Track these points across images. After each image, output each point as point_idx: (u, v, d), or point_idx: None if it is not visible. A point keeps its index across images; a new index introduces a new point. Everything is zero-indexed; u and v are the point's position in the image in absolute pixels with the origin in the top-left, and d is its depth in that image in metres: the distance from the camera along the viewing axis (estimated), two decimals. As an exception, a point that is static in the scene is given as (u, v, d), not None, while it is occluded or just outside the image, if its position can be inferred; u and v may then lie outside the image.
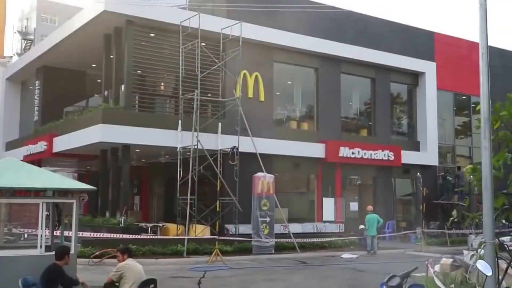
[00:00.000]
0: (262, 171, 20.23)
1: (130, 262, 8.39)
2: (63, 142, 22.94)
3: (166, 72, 22.20)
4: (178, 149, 20.19)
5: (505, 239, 12.23)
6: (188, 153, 20.09)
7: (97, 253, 16.03)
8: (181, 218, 19.93)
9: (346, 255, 19.74)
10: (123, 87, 21.18)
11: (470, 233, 21.93)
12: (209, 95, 21.59)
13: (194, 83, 20.46)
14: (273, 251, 19.52)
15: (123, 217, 19.48)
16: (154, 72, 21.70)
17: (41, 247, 9.50)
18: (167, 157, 23.53)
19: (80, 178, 31.43)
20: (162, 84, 24.15)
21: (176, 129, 20.35)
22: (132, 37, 20.74)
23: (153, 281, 8.36)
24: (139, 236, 18.44)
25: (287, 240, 20.32)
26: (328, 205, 24.48)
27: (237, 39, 21.06)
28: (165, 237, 19.35)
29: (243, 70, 22.28)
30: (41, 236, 9.56)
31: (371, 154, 25.53)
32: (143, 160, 26.19)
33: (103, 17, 20.61)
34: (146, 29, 21.02)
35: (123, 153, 20.87)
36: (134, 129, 19.84)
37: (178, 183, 20.00)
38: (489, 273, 4.01)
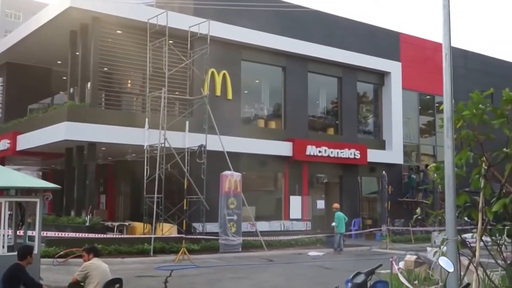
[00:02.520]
0: (230, 170, 20.23)
1: (95, 261, 8.27)
2: (27, 140, 22.47)
3: (133, 70, 21.95)
4: (145, 147, 20.02)
5: (467, 236, 12.50)
6: (155, 151, 19.94)
7: (61, 252, 15.76)
8: (148, 216, 19.78)
9: (312, 253, 19.91)
10: (89, 84, 20.89)
11: (434, 230, 22.35)
12: (177, 93, 21.46)
13: (161, 81, 20.31)
14: (240, 250, 19.55)
15: (88, 216, 19.19)
16: (121, 69, 21.41)
17: (3, 247, 9.30)
18: (134, 155, 23.29)
19: (44, 177, 30.85)
20: (129, 81, 23.88)
21: (143, 127, 20.16)
22: (98, 34, 20.45)
23: (118, 280, 8.26)
24: (105, 235, 18.22)
25: (254, 238, 20.37)
26: (295, 203, 24.66)
27: (205, 37, 20.99)
28: (131, 236, 19.16)
29: (211, 68, 22.23)
30: (4, 236, 9.36)
31: (337, 152, 25.80)
32: (110, 158, 25.87)
33: (68, 13, 20.26)
34: (113, 26, 20.75)
35: (89, 151, 20.57)
36: (100, 127, 19.58)
37: (145, 181, 19.83)
38: (451, 269, 4.11)
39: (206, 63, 21.54)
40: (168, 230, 19.60)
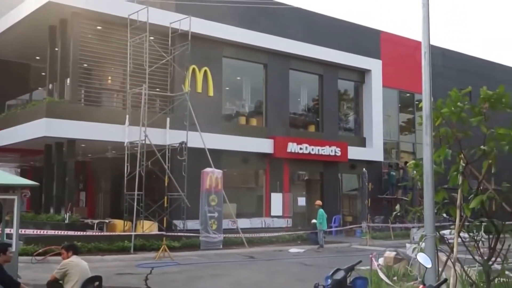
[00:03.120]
0: (211, 167, 20.19)
1: (74, 259, 8.19)
2: (5, 137, 22.13)
3: (113, 66, 21.78)
4: (125, 144, 19.87)
5: (446, 232, 12.67)
6: (135, 148, 19.81)
7: (40, 250, 15.59)
8: (128, 214, 19.66)
9: (293, 250, 19.99)
10: (68, 80, 20.67)
11: (413, 227, 22.60)
12: (158, 89, 21.34)
13: (142, 77, 20.17)
14: (221, 247, 19.55)
15: (68, 214, 19.01)
16: (101, 65, 21.22)
17: (-20, 245, 9.13)
18: (114, 152, 23.12)
19: (22, 174, 30.44)
20: (109, 78, 23.67)
21: (124, 123, 20.01)
22: (78, 29, 20.22)
23: (98, 278, 8.19)
24: (84, 233, 18.07)
25: (235, 235, 20.38)
26: (276, 200, 24.72)
27: (186, 33, 20.91)
28: (111, 233, 19.05)
29: (192, 65, 22.15)
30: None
31: (318, 149, 25.91)
32: (89, 155, 25.62)
33: (47, 8, 19.98)
34: (93, 22, 20.54)
35: (68, 148, 20.35)
36: (80, 124, 19.38)
37: (125, 178, 19.70)
38: (429, 265, 4.16)
39: (187, 60, 21.45)
40: (148, 227, 19.51)
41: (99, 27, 20.74)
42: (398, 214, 22.89)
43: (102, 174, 27.90)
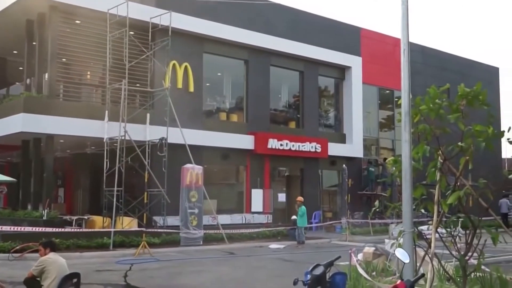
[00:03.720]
0: (191, 163, 20.12)
1: (52, 256, 8.10)
2: (-19, 132, 21.77)
3: (92, 61, 21.54)
4: (104, 140, 19.69)
5: (424, 228, 12.82)
6: (115, 144, 19.65)
7: (17, 247, 15.37)
8: (108, 210, 19.52)
9: (273, 246, 20.03)
10: (46, 75, 20.37)
11: (392, 223, 22.83)
12: (138, 85, 21.18)
13: (122, 73, 20.00)
14: (201, 243, 19.51)
15: (46, 210, 18.78)
16: (80, 60, 20.93)
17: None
18: (93, 148, 22.91)
19: (-1, 170, 29.99)
20: (89, 73, 23.41)
21: (103, 119, 19.82)
22: (56, 23, 19.95)
23: (76, 275, 8.11)
24: (63, 229, 17.84)
25: (215, 231, 20.35)
26: (257, 196, 24.75)
27: (166, 28, 20.77)
28: (90, 230, 18.86)
29: (173, 60, 22.03)
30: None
31: (299, 146, 26.01)
32: (68, 151, 25.37)
33: (25, 2, 19.70)
34: (71, 16, 20.29)
35: (47, 144, 20.11)
36: (58, 119, 19.16)
37: (104, 174, 19.54)
38: (407, 261, 4.20)
39: (168, 55, 21.31)
40: (128, 223, 19.38)
41: (77, 21, 20.49)
42: (377, 210, 23.21)
43: (81, 170, 27.62)
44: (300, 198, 22.33)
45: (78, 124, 19.43)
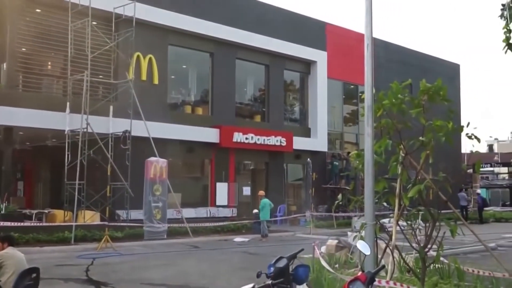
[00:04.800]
0: (155, 156, 19.93)
1: (10, 250, 7.88)
2: None
3: (53, 51, 21.04)
4: (66, 132, 19.30)
5: (385, 220, 13.04)
6: (77, 137, 19.28)
7: (-26, 242, 14.93)
8: (69, 204, 19.17)
9: (238, 239, 20.06)
10: (5, 65, 19.79)
11: (355, 216, 23.14)
12: (100, 76, 20.81)
13: (84, 63, 19.60)
14: (165, 236, 19.39)
15: (4, 204, 18.29)
16: (40, 50, 20.45)
17: None
18: (54, 140, 22.42)
19: (-45, 162, 29.04)
20: (50, 63, 22.86)
21: (64, 111, 19.41)
22: (15, 12, 19.39)
23: (35, 270, 7.91)
24: (22, 224, 17.44)
25: (180, 225, 20.23)
26: (222, 190, 24.72)
27: (130, 19, 20.46)
28: (51, 224, 18.50)
29: (137, 52, 21.72)
30: None
31: (264, 139, 26.06)
32: (28, 143, 24.75)
33: (-18, -12, 19.08)
34: (31, 4, 19.77)
35: (5, 136, 19.58)
36: (17, 110, 18.64)
37: (66, 167, 19.16)
38: (368, 253, 4.25)
39: (132, 47, 20.99)
40: (90, 217, 19.08)
41: (38, 10, 19.98)
42: (340, 203, 23.46)
43: (41, 163, 27.01)
44: (261, 192, 22.43)
45: (38, 116, 18.96)
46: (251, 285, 3.93)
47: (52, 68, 22.99)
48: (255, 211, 21.62)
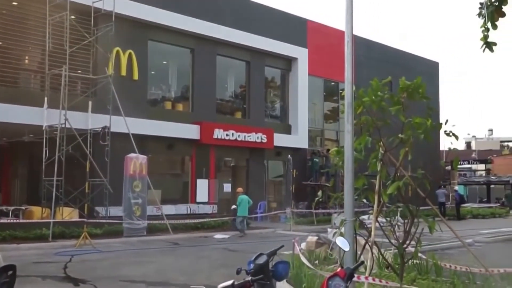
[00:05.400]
0: (135, 152, 19.78)
1: (-15, 248, 7.78)
2: None
3: (31, 45, 20.73)
4: (44, 128, 19.04)
5: (365, 217, 13.13)
6: (55, 132, 19.04)
7: (-51, 239, 14.71)
8: (47, 200, 18.93)
9: (218, 236, 20.03)
10: (-19, 59, 19.46)
11: (335, 212, 23.25)
12: (79, 71, 20.56)
13: (62, 58, 19.35)
14: (145, 233, 19.28)
15: (-20, 200, 18.03)
16: (17, 44, 20.12)
17: None
18: (32, 136, 22.08)
19: None
20: (27, 57, 22.52)
21: (42, 106, 19.14)
22: (-8, 5, 19.06)
23: (11, 267, 7.78)
24: (-2, 220, 17.22)
25: (160, 221, 20.14)
26: (202, 187, 24.64)
27: (109, 14, 20.25)
28: (28, 220, 18.26)
29: (116, 47, 21.50)
30: None
31: (244, 136, 26.03)
32: (5, 139, 24.37)
33: (-43, -19, 18.70)
34: (9, -3, 19.44)
35: (-19, 131, 19.26)
36: (-7, 105, 18.34)
37: (43, 163, 18.91)
38: (347, 249, 4.26)
39: (111, 42, 20.78)
40: (68, 214, 18.88)
41: (14, 3, 19.65)
42: (320, 200, 23.56)
43: (18, 159, 26.62)
44: (239, 189, 22.44)
45: (15, 111, 18.65)
46: (231, 281, 3.91)
47: (30, 63, 22.65)
48: (234, 207, 21.60)
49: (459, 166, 47.11)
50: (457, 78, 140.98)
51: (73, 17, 19.75)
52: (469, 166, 59.68)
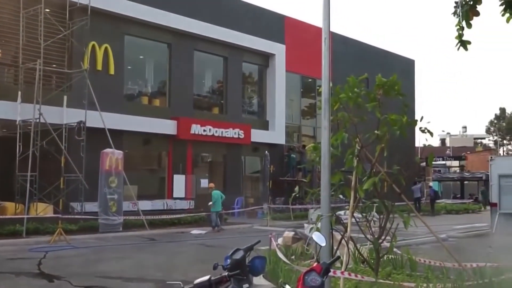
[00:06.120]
0: (111, 147, 19.60)
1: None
2: None
3: (4, 38, 20.34)
4: (17, 122, 18.73)
5: (341, 212, 13.23)
6: (29, 127, 18.75)
7: None
8: (21, 196, 18.64)
9: (195, 231, 19.98)
10: (-48, 52, 19.06)
11: (311, 208, 23.37)
12: (54, 65, 20.26)
13: (36, 52, 19.04)
14: (121, 229, 19.15)
15: (-49, 196, 17.67)
16: (-10, 37, 19.76)
17: None
18: (5, 130, 21.69)
19: None
20: (0, 51, 22.09)
21: (16, 100, 18.81)
22: (-36, -4, 18.65)
23: (-16, 264, 7.70)
24: (-30, 216, 16.91)
25: (136, 217, 20.00)
26: (179, 182, 24.51)
27: (85, 7, 20.00)
28: (1, 216, 17.93)
29: (92, 41, 21.24)
30: None
31: (222, 132, 25.99)
32: (-23, 133, 23.89)
33: None
34: (-19, -11, 19.04)
35: (-48, 126, 18.86)
36: (-35, 99, 17.99)
37: (17, 158, 18.62)
38: (323, 244, 4.29)
39: (87, 36, 20.51)
40: (43, 210, 18.63)
41: (-12, -4, 19.27)
42: (297, 195, 23.67)
43: (-9, 154, 26.13)
44: (211, 184, 22.43)
45: (-13, 105, 18.33)
46: (207, 277, 3.90)
47: (3, 56, 22.23)
48: (210, 203, 21.55)
49: (433, 163, 47.84)
50: (433, 75, 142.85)
51: (47, 10, 19.43)
52: (443, 162, 60.64)
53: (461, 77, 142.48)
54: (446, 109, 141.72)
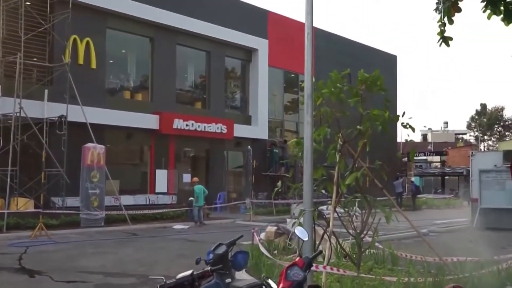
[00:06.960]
0: (93, 142, 19.46)
1: None
2: None
3: (-17, 31, 20.03)
4: (-3, 117, 18.49)
5: (323, 207, 13.30)
6: (9, 121, 18.51)
7: None
8: (1, 191, 18.41)
9: (177, 226, 19.96)
10: None
11: (294, 203, 23.46)
12: (35, 59, 20.02)
13: (17, 45, 18.79)
14: (103, 224, 19.05)
15: None
16: (-31, 29, 19.42)
17: None
18: (-15, 125, 21.42)
19: None
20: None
21: (-5, 94, 18.58)
22: None
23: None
24: (-51, 212, 16.66)
25: (118, 212, 19.90)
26: (161, 177, 24.43)
27: (66, 0, 19.75)
28: (-19, 212, 17.73)
29: (73, 35, 21.01)
30: None
31: (204, 126, 25.93)
32: (-44, 127, 23.53)
33: None
34: (-40, -20, 18.71)
35: None
36: None
37: (-3, 153, 18.39)
38: (306, 238, 4.31)
39: (68, 29, 20.28)
40: (23, 205, 18.43)
41: (-33, -12, 18.94)
42: (280, 190, 23.77)
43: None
44: (195, 179, 22.42)
45: (-33, 99, 18.06)
46: (190, 271, 3.91)
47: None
48: (191, 199, 21.51)
49: (415, 158, 48.32)
50: (414, 71, 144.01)
51: (28, 3, 19.19)
52: (425, 157, 61.23)
53: (442, 73, 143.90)
54: (428, 105, 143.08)
